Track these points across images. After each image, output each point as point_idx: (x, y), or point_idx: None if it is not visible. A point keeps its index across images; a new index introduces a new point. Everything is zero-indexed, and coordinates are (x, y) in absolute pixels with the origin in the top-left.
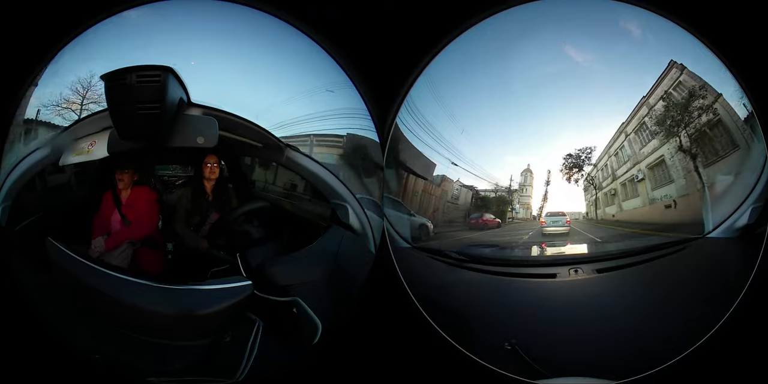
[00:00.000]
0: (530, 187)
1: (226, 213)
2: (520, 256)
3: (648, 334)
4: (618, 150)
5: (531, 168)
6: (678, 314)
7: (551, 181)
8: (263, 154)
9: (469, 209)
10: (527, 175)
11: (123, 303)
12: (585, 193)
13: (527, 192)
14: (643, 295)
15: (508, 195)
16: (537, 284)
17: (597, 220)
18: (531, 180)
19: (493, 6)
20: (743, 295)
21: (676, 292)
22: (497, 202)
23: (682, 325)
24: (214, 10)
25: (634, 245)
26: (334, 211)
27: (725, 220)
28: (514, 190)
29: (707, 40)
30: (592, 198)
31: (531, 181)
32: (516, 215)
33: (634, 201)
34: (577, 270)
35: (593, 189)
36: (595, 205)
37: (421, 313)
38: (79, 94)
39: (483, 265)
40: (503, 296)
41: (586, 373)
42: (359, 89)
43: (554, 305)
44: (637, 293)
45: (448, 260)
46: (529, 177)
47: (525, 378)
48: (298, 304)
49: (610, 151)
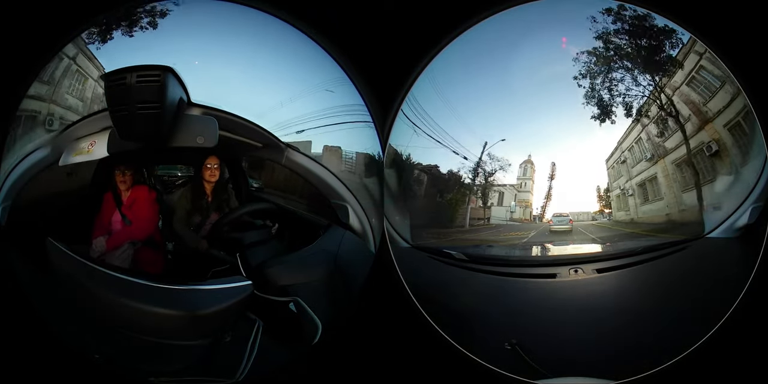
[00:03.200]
0: (530, 181)
1: (225, 213)
2: (520, 256)
3: (648, 334)
4: (631, 146)
5: (532, 159)
6: (678, 314)
7: (555, 175)
8: (263, 154)
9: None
10: (527, 168)
11: (123, 303)
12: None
13: (527, 187)
14: (643, 295)
15: (471, 175)
16: (537, 284)
17: (611, 222)
18: (532, 173)
19: (494, 6)
20: (743, 295)
21: (676, 292)
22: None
23: (682, 325)
24: (214, 10)
25: (634, 245)
26: (334, 211)
27: (725, 220)
28: (490, 172)
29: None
30: (604, 198)
31: (532, 174)
32: (512, 215)
33: (651, 205)
34: (577, 270)
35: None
36: (608, 205)
37: (421, 313)
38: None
39: (483, 265)
40: (503, 296)
41: (586, 373)
42: (359, 89)
43: (554, 305)
44: (637, 293)
45: (448, 260)
46: (530, 170)
47: (525, 378)
48: (298, 304)
49: (622, 147)
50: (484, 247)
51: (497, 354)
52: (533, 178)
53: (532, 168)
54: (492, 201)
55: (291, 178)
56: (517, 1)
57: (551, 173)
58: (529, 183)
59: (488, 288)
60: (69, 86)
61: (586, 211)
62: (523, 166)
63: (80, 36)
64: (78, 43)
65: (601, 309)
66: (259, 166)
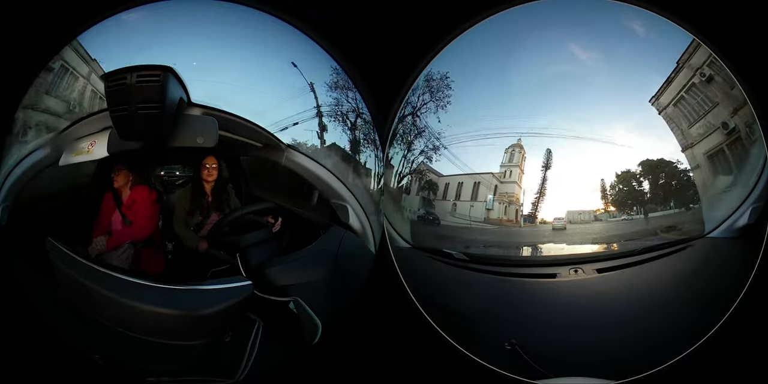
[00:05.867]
0: (518, 169)
1: (226, 213)
2: (520, 255)
3: (648, 334)
4: None
5: (522, 143)
6: (678, 314)
7: (552, 165)
8: (263, 154)
9: None
10: (515, 153)
11: (123, 303)
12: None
13: (512, 176)
14: (643, 295)
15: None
16: (537, 284)
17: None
18: (521, 160)
19: (494, 6)
20: (743, 295)
21: (676, 292)
22: None
23: (682, 325)
24: (214, 10)
25: (634, 245)
26: (334, 211)
27: (725, 220)
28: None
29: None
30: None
31: (521, 161)
32: (489, 213)
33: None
34: (578, 270)
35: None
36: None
37: (421, 313)
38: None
39: (483, 265)
40: (503, 296)
41: (586, 373)
42: (359, 89)
43: (554, 305)
44: (637, 293)
45: (448, 260)
46: (518, 155)
47: (525, 378)
48: (298, 304)
49: None
50: (483, 247)
51: (497, 354)
52: (522, 167)
53: (522, 153)
54: (459, 193)
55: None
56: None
57: (546, 162)
58: (516, 172)
59: (488, 288)
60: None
61: (588, 209)
62: (509, 151)
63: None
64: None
65: (602, 309)
66: (259, 166)
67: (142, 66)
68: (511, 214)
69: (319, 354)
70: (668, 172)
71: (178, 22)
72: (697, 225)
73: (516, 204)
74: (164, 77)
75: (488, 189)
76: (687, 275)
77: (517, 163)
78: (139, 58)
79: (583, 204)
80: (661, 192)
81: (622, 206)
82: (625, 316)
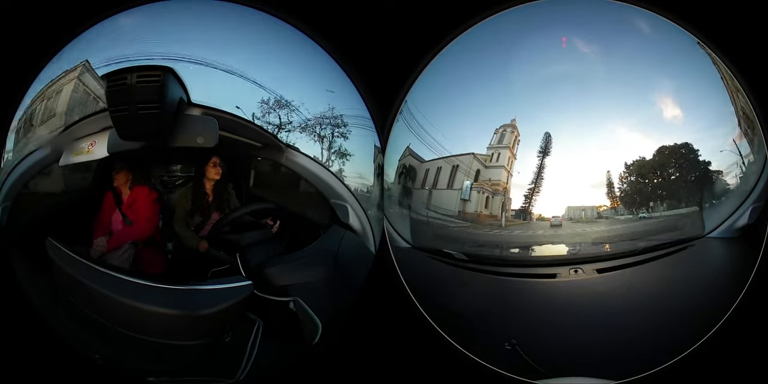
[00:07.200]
0: (507, 152)
1: (226, 213)
2: (520, 255)
3: (648, 334)
4: None
5: (516, 123)
6: (678, 314)
7: (550, 151)
8: (263, 154)
9: None
10: (506, 134)
11: (123, 303)
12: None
13: (499, 160)
14: (643, 295)
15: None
16: (537, 284)
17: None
18: (512, 141)
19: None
20: (743, 295)
21: (676, 292)
22: None
23: (682, 325)
24: (214, 10)
25: (634, 245)
26: (334, 211)
27: (725, 220)
28: None
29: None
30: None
31: (512, 143)
32: (464, 205)
33: None
34: (578, 270)
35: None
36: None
37: (421, 313)
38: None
39: (483, 265)
40: (503, 296)
41: (587, 373)
42: (359, 89)
43: (554, 305)
44: (638, 293)
45: (448, 260)
46: (509, 136)
47: (525, 378)
48: (298, 304)
49: None
50: (483, 247)
51: (497, 354)
52: (514, 150)
53: (514, 134)
54: (436, 181)
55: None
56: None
57: (545, 147)
58: (505, 155)
59: (488, 288)
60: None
61: (591, 205)
62: (500, 131)
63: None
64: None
65: (602, 309)
66: (259, 166)
67: (142, 66)
68: (494, 208)
69: (319, 354)
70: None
71: (178, 22)
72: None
73: (500, 194)
74: (164, 77)
75: (466, 174)
76: (687, 275)
77: (507, 145)
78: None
79: (581, 200)
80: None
81: (622, 206)
82: (625, 316)
